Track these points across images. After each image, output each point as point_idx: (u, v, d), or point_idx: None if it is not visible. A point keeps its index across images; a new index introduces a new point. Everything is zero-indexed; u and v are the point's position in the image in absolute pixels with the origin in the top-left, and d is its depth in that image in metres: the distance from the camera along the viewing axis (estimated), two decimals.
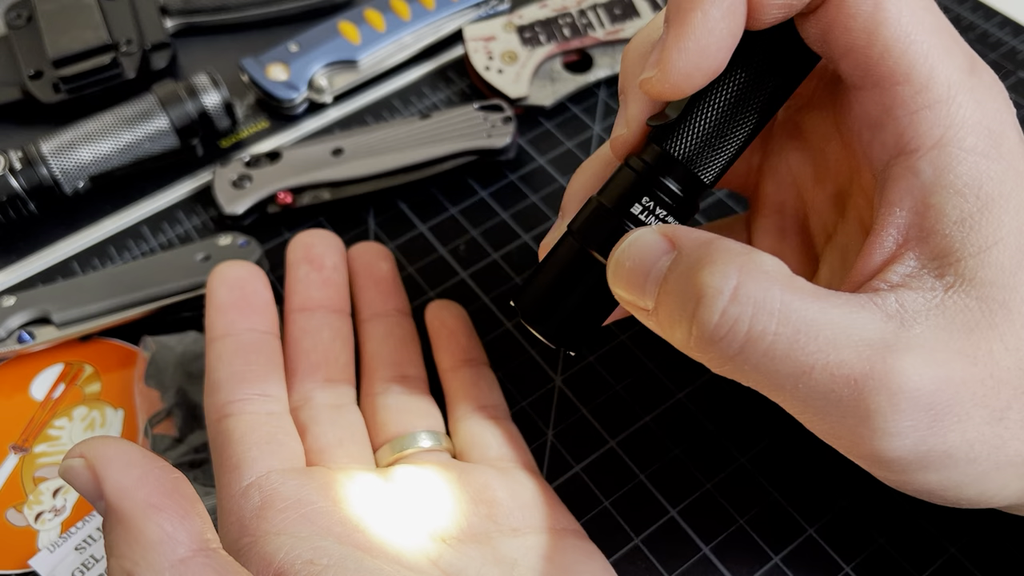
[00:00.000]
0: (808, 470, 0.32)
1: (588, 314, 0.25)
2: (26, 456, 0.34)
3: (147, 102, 0.41)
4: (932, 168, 0.22)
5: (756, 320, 0.21)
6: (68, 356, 0.36)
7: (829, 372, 0.21)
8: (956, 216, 0.22)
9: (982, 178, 0.22)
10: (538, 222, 0.39)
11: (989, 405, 0.21)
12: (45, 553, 0.31)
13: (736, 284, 0.21)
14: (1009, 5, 0.46)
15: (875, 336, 0.21)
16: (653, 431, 0.33)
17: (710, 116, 0.24)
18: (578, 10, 0.44)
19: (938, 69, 0.22)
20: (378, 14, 0.45)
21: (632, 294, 0.23)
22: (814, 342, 0.21)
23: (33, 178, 0.39)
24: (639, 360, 0.35)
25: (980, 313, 0.21)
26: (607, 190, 0.25)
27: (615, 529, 0.31)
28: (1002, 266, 0.22)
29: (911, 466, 0.22)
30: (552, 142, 0.42)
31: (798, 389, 0.21)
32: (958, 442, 0.21)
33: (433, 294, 0.37)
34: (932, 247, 0.22)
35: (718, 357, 0.22)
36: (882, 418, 0.21)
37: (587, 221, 0.25)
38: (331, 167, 0.40)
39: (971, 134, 0.22)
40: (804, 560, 0.30)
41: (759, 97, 0.24)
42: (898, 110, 0.22)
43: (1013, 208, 0.22)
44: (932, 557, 0.30)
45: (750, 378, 0.22)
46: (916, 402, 0.21)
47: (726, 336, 0.21)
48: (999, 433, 0.22)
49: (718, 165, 0.24)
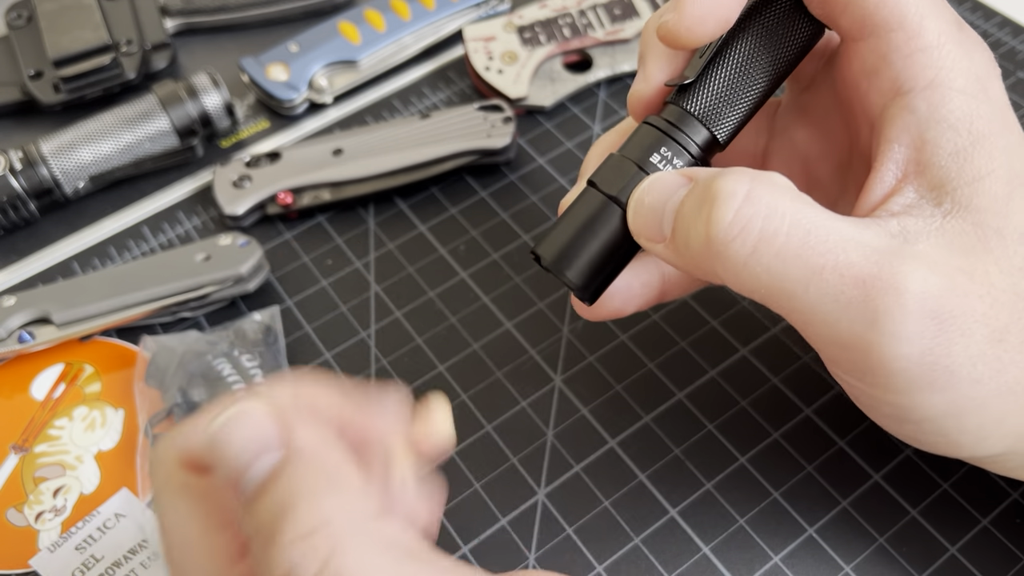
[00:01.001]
0: (807, 470, 0.32)
1: (608, 259, 0.26)
2: (26, 456, 0.34)
3: (147, 102, 0.41)
4: (927, 105, 0.24)
5: (768, 221, 0.22)
6: (68, 356, 0.36)
7: (839, 273, 0.22)
8: (951, 148, 0.23)
9: (973, 115, 0.23)
10: (538, 222, 0.39)
11: (989, 324, 0.22)
12: (45, 553, 0.31)
13: (749, 189, 0.22)
14: (1009, 5, 0.46)
15: (882, 245, 0.22)
16: (653, 431, 0.33)
17: (724, 77, 0.26)
18: (578, 10, 0.45)
19: (928, 19, 0.24)
20: (378, 14, 0.45)
21: (650, 226, 0.24)
22: (824, 243, 0.22)
23: (33, 178, 0.39)
24: (639, 360, 0.35)
25: (976, 237, 0.23)
26: (627, 146, 0.26)
27: (615, 529, 0.31)
28: (995, 195, 0.23)
29: (917, 382, 0.22)
30: (552, 142, 0.42)
31: (808, 292, 0.22)
32: (961, 358, 0.22)
33: (433, 294, 0.37)
34: (929, 178, 0.23)
35: (732, 261, 0.22)
36: (891, 320, 0.21)
37: (608, 171, 0.26)
38: (331, 167, 0.40)
39: (961, 76, 0.24)
40: (804, 560, 0.30)
41: (768, 62, 0.26)
42: (893, 55, 0.24)
43: (1002, 145, 0.23)
44: (932, 557, 0.30)
45: (763, 284, 0.22)
46: (923, 306, 0.21)
47: (739, 235, 0.22)
48: (999, 355, 0.22)
49: (731, 123, 0.26)
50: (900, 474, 0.31)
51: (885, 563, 0.30)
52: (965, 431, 0.24)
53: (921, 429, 0.24)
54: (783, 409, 0.33)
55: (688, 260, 0.24)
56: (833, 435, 0.32)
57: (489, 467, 0.33)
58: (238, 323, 0.36)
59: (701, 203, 0.23)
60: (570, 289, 0.26)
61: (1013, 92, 0.43)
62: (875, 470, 0.31)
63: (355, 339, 0.36)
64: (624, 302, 0.29)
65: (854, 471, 0.31)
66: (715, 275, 0.23)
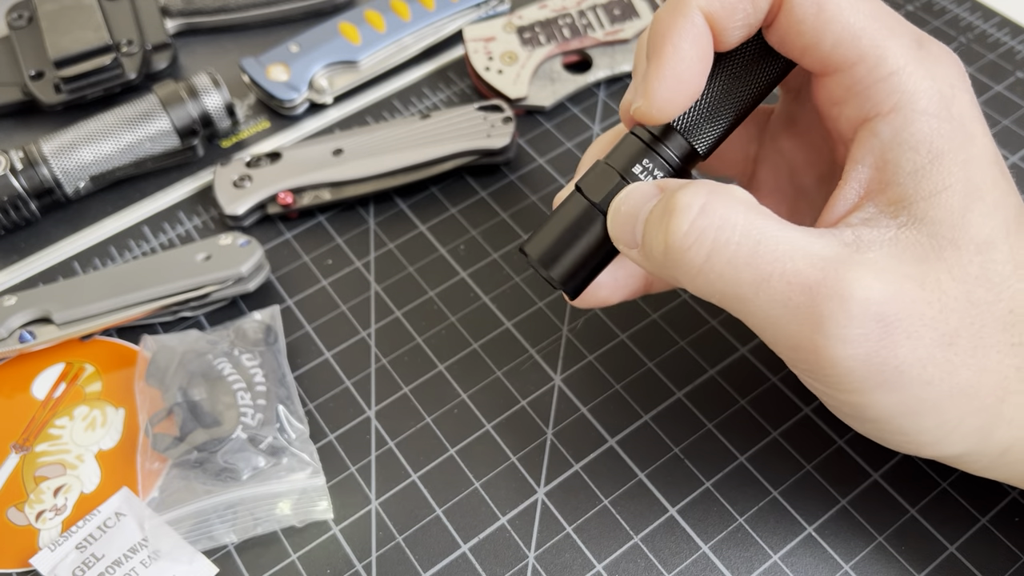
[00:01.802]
0: (807, 469, 0.32)
1: (588, 260, 0.28)
2: (27, 455, 0.34)
3: (148, 102, 0.41)
4: (890, 128, 0.25)
5: (721, 231, 0.23)
6: (69, 356, 0.36)
7: (786, 280, 0.23)
8: (910, 168, 0.24)
9: (933, 135, 0.24)
10: (538, 222, 0.39)
11: (938, 328, 0.23)
12: (46, 552, 0.31)
13: (704, 202, 0.24)
14: (1008, 5, 0.46)
15: (831, 254, 0.23)
16: (652, 430, 0.33)
17: (706, 96, 0.27)
18: (578, 11, 0.45)
19: (886, 47, 0.25)
20: (378, 15, 0.45)
21: (626, 233, 0.26)
22: (772, 252, 0.23)
23: (34, 178, 0.39)
24: (639, 359, 0.35)
25: (930, 248, 0.24)
26: (613, 154, 0.28)
27: (615, 528, 0.31)
28: (951, 208, 0.24)
29: (867, 382, 0.23)
30: (552, 142, 0.42)
31: (759, 298, 0.23)
32: (909, 359, 0.23)
33: (433, 294, 0.37)
34: (889, 195, 0.25)
35: (687, 268, 0.24)
36: (834, 323, 0.23)
37: (594, 178, 0.27)
38: (331, 167, 0.40)
39: (923, 98, 0.25)
40: (803, 558, 0.30)
41: (747, 86, 0.27)
42: (857, 86, 0.25)
43: (961, 160, 0.24)
44: (931, 555, 0.30)
45: (717, 289, 0.24)
46: (865, 310, 0.22)
47: (694, 245, 0.24)
48: (949, 358, 0.23)
49: (711, 137, 0.28)
50: (899, 473, 0.31)
51: (884, 561, 0.30)
52: (923, 431, 0.25)
53: (881, 428, 0.25)
54: (782, 408, 0.33)
55: (654, 266, 0.25)
56: (832, 434, 0.32)
57: (489, 466, 0.33)
58: (238, 323, 0.36)
59: (662, 214, 0.24)
60: (553, 285, 0.28)
61: (1012, 92, 0.43)
62: (874, 469, 0.31)
63: (355, 338, 0.36)
64: (611, 292, 0.30)
65: (853, 470, 0.31)
66: (676, 281, 0.25)
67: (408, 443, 0.33)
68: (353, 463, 0.33)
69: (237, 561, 0.31)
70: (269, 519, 0.31)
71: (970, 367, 0.24)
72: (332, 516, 0.32)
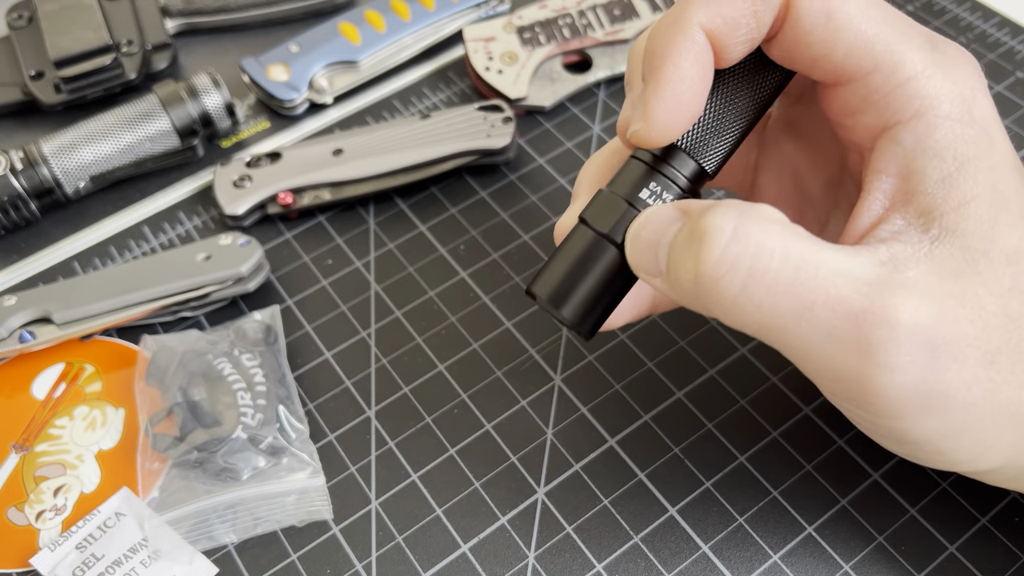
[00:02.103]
0: (807, 469, 0.32)
1: (602, 295, 0.26)
2: (27, 455, 0.34)
3: (148, 102, 0.41)
4: (912, 136, 0.24)
5: (757, 257, 0.22)
6: (69, 355, 0.36)
7: (830, 308, 0.22)
8: (937, 176, 0.23)
9: (957, 141, 0.23)
10: (538, 222, 0.39)
11: (981, 347, 0.22)
12: (46, 552, 0.31)
13: (736, 225, 0.22)
14: (1008, 5, 0.46)
15: (872, 276, 0.22)
16: (652, 430, 0.33)
17: (710, 111, 0.26)
18: (578, 11, 0.45)
19: (901, 52, 0.24)
20: (378, 15, 0.45)
21: (648, 260, 0.24)
22: (814, 279, 0.22)
23: (34, 178, 0.39)
24: (638, 359, 0.35)
25: (964, 262, 0.23)
26: (616, 181, 0.26)
27: (615, 527, 0.31)
28: (981, 219, 0.23)
29: (912, 409, 0.22)
30: (552, 142, 0.42)
31: (800, 328, 0.22)
32: (955, 383, 0.22)
33: (433, 293, 0.37)
34: (916, 206, 0.24)
35: (721, 297, 0.22)
36: (883, 352, 0.21)
37: (599, 208, 0.26)
38: (331, 167, 0.40)
39: (945, 102, 0.24)
40: (803, 558, 0.30)
41: (750, 96, 0.26)
42: (874, 95, 0.24)
43: (986, 167, 0.23)
44: (931, 555, 0.30)
45: (754, 319, 0.22)
46: (914, 336, 0.21)
47: (728, 272, 0.22)
48: (991, 376, 0.23)
49: (719, 154, 0.26)
50: (899, 473, 0.31)
51: (884, 561, 0.30)
52: (962, 450, 0.24)
53: (919, 449, 0.24)
54: (782, 408, 0.33)
55: (682, 296, 0.24)
56: (832, 434, 0.32)
57: (489, 466, 0.33)
58: (238, 322, 0.36)
59: (689, 240, 0.23)
60: (566, 327, 0.26)
61: (1013, 92, 0.43)
62: (874, 469, 0.31)
63: (355, 338, 0.36)
64: (616, 317, 0.29)
65: (853, 469, 0.31)
66: (707, 311, 0.24)
67: (408, 443, 0.33)
68: (353, 463, 0.33)
69: (237, 561, 0.31)
70: (269, 519, 0.31)
71: (1010, 384, 0.23)
72: (332, 516, 0.32)
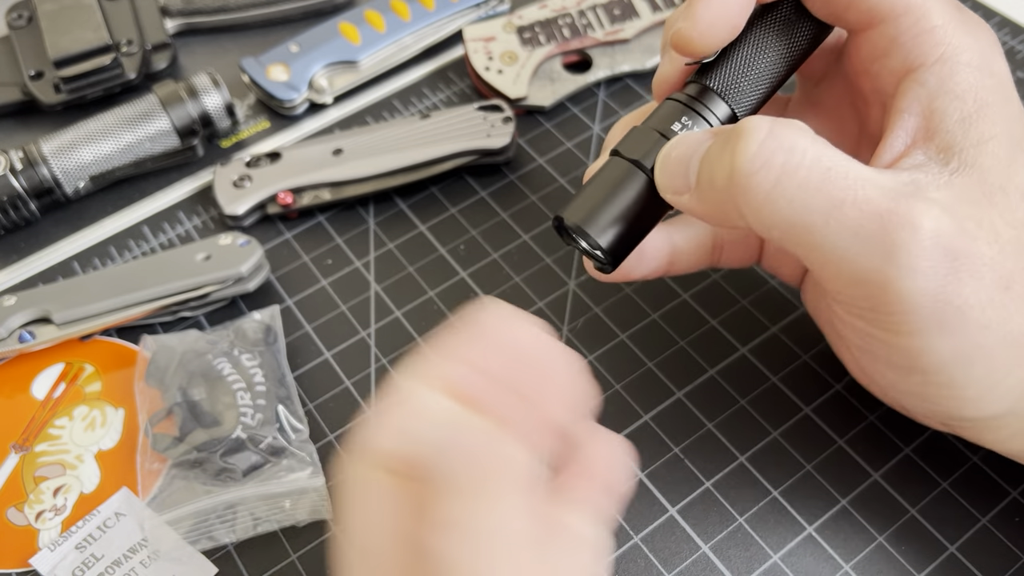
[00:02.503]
0: (807, 469, 0.32)
1: (633, 223, 0.27)
2: (27, 455, 0.34)
3: (148, 102, 0.41)
4: (936, 78, 0.25)
5: (791, 154, 0.23)
6: (69, 356, 0.36)
7: (858, 207, 0.23)
8: (957, 116, 0.25)
9: (978, 86, 0.25)
10: (538, 222, 0.39)
11: (996, 270, 0.23)
12: (46, 552, 0.31)
13: (771, 126, 0.23)
14: (1008, 5, 0.46)
15: (898, 187, 0.23)
16: (652, 429, 0.33)
17: (743, 57, 0.27)
18: (578, 11, 0.45)
19: (930, 5, 0.26)
20: (378, 15, 0.45)
21: (677, 178, 0.25)
22: (844, 179, 0.23)
23: (34, 178, 0.39)
24: (638, 359, 0.35)
25: (981, 193, 0.24)
26: (650, 118, 0.27)
27: (614, 528, 0.31)
28: (998, 156, 0.24)
29: (928, 322, 0.23)
30: (551, 142, 0.42)
31: (828, 225, 0.23)
32: (972, 300, 0.23)
33: (433, 294, 0.37)
34: (937, 142, 0.25)
35: (754, 193, 0.23)
36: (906, 253, 0.22)
37: (633, 140, 0.27)
38: (331, 167, 0.40)
39: (967, 51, 0.25)
40: (803, 558, 0.30)
41: (782, 48, 0.27)
42: (902, 36, 0.26)
43: (1005, 114, 0.25)
44: (931, 555, 0.30)
45: (784, 217, 0.23)
46: (936, 242, 0.22)
47: (763, 167, 0.23)
48: (1005, 303, 0.23)
49: (750, 100, 0.27)
50: (899, 472, 0.31)
51: (884, 561, 0.30)
52: (971, 382, 0.24)
53: (929, 380, 0.25)
54: (782, 408, 0.33)
55: (712, 203, 0.25)
56: (832, 434, 0.32)
57: None
58: (238, 322, 0.36)
59: (726, 142, 0.24)
60: (592, 254, 0.27)
61: None
62: (874, 469, 0.31)
63: (355, 338, 0.36)
64: (634, 265, 0.30)
65: (853, 469, 0.31)
66: (738, 214, 0.24)
67: None
68: None
69: (237, 561, 0.31)
70: (269, 519, 0.31)
71: (1023, 313, 0.24)
72: (332, 516, 0.32)
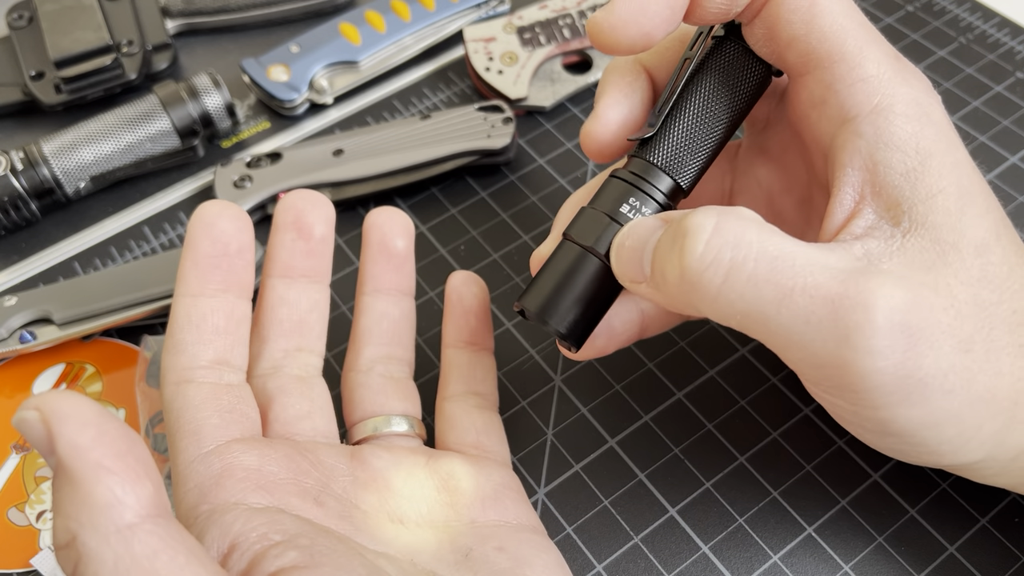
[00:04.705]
0: (806, 469, 0.32)
1: (589, 306, 0.27)
2: (27, 456, 0.34)
3: (148, 103, 0.41)
4: (873, 128, 0.25)
5: (737, 250, 0.23)
6: (69, 356, 0.36)
7: (808, 294, 0.22)
8: (901, 169, 0.24)
9: (918, 136, 0.25)
10: (538, 222, 0.40)
11: (955, 335, 0.23)
12: (47, 552, 0.31)
13: (716, 222, 0.23)
14: (1009, 5, 0.46)
15: (847, 265, 0.23)
16: (652, 430, 0.33)
17: (683, 128, 0.27)
18: (578, 11, 0.45)
19: (868, 51, 0.25)
20: (379, 15, 0.45)
21: (633, 268, 0.25)
22: (791, 267, 0.23)
23: (34, 178, 0.39)
24: (638, 360, 0.35)
25: (935, 253, 0.24)
26: (597, 199, 0.28)
27: (615, 528, 0.31)
28: (948, 211, 0.24)
29: (892, 396, 0.23)
30: (552, 143, 0.42)
31: (781, 315, 0.23)
32: (933, 370, 0.23)
33: (433, 294, 0.37)
34: (885, 198, 0.25)
35: (706, 290, 0.23)
36: (861, 335, 0.22)
37: (583, 224, 0.27)
38: (332, 167, 0.40)
39: (902, 102, 0.25)
40: (803, 559, 0.30)
41: (723, 110, 0.28)
42: (837, 84, 0.25)
43: (950, 163, 0.25)
44: (931, 556, 0.30)
45: (738, 310, 0.23)
46: (890, 320, 0.22)
47: (711, 265, 0.23)
48: (968, 365, 0.23)
49: (693, 170, 0.28)
50: (899, 473, 0.31)
51: (884, 562, 0.30)
52: (944, 441, 0.24)
53: (903, 442, 0.25)
54: (782, 408, 0.33)
55: (667, 295, 0.25)
56: (832, 434, 0.32)
57: None
58: None
59: (674, 239, 0.24)
60: (557, 337, 0.28)
61: (1012, 92, 0.43)
62: (874, 469, 0.31)
63: None
64: (607, 341, 0.30)
65: (853, 470, 0.32)
66: (693, 307, 0.24)
67: None
68: None
69: None
70: None
71: (986, 372, 0.23)
72: None
